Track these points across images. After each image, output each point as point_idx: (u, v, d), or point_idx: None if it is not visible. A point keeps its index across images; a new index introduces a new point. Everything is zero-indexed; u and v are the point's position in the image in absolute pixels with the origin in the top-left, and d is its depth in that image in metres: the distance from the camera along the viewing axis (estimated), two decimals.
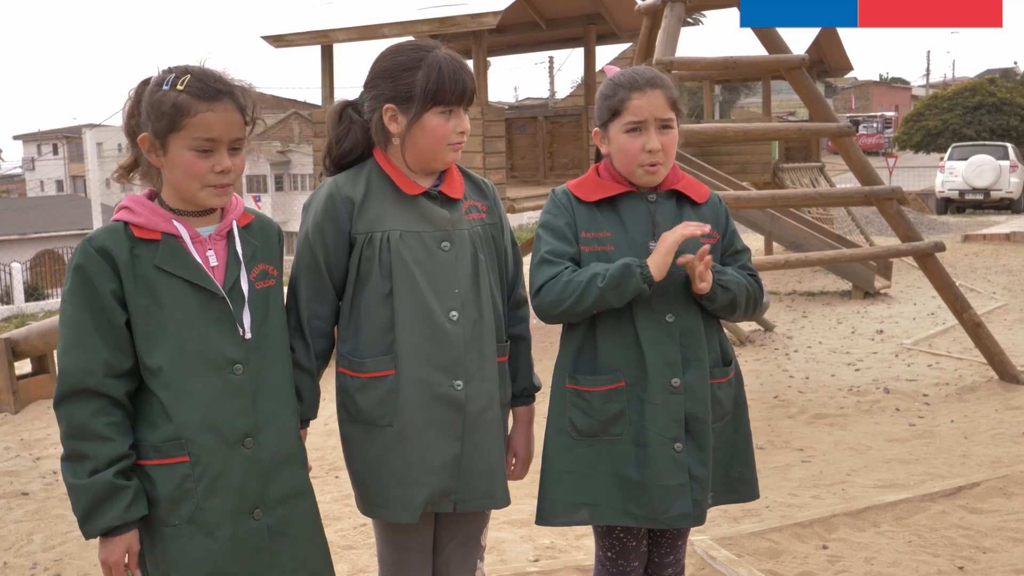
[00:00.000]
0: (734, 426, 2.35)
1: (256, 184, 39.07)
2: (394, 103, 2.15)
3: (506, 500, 2.27)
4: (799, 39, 12.94)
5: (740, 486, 2.37)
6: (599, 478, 2.24)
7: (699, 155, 11.79)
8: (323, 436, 5.27)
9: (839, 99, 60.33)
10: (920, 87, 69.57)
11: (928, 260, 6.03)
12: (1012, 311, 9.10)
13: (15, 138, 60.71)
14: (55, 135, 57.30)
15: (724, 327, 2.44)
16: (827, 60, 16.31)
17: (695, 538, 3.50)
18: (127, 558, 1.92)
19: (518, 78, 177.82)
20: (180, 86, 1.91)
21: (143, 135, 1.94)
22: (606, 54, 20.97)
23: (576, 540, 3.72)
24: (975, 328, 6.06)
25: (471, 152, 8.24)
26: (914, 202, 21.51)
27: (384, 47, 2.24)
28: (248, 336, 2.01)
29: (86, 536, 1.92)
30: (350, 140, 2.22)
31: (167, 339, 1.94)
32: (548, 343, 7.42)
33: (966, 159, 21.49)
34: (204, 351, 1.96)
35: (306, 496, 2.10)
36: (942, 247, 6.04)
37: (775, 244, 12.81)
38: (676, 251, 2.16)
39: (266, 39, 9.50)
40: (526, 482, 2.52)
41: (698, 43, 13.05)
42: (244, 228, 2.07)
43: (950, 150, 23.06)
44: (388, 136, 2.19)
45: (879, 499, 3.97)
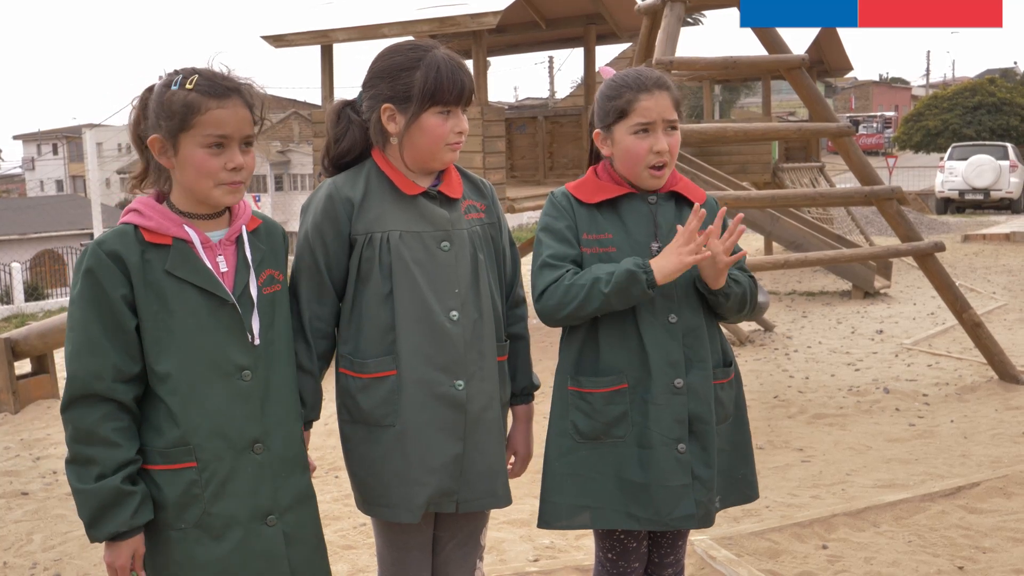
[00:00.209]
0: (736, 428, 2.36)
1: (256, 184, 39.05)
2: (392, 103, 2.15)
3: (507, 499, 2.27)
4: (799, 39, 12.93)
5: (743, 487, 2.37)
6: (601, 481, 2.24)
7: (699, 155, 11.79)
8: (323, 436, 5.26)
9: (839, 99, 60.32)
10: (920, 87, 69.55)
11: (928, 260, 6.04)
12: (1012, 311, 9.10)
13: (15, 138, 60.76)
14: (55, 135, 57.34)
15: (723, 327, 2.44)
16: (827, 60, 16.30)
17: (695, 538, 3.50)
18: (132, 561, 1.92)
19: (518, 78, 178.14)
20: (189, 85, 1.91)
21: (153, 137, 1.93)
22: (606, 54, 21.00)
23: (576, 540, 3.72)
24: (975, 328, 6.06)
25: (471, 152, 8.23)
26: (914, 202, 21.50)
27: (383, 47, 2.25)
28: (257, 342, 2.01)
29: (92, 540, 1.91)
30: (348, 140, 2.22)
31: (176, 345, 1.93)
32: (548, 343, 7.42)
33: (966, 159, 21.50)
34: (214, 357, 1.95)
35: (311, 500, 2.11)
36: (942, 247, 6.04)
37: (775, 244, 12.81)
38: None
39: (266, 39, 9.49)
40: (526, 482, 2.52)
41: (698, 43, 13.05)
42: (252, 233, 2.06)
43: (950, 150, 23.06)
44: (386, 136, 2.19)
45: (879, 499, 3.97)
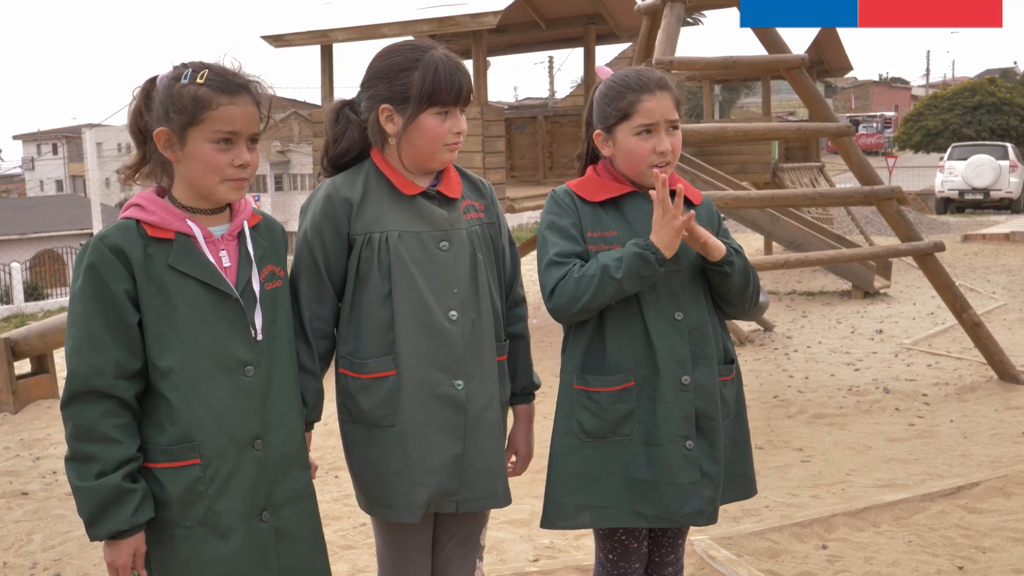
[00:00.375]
0: (737, 424, 2.36)
1: (256, 184, 39.03)
2: (390, 103, 2.14)
3: (507, 499, 2.27)
4: (799, 39, 12.93)
5: (743, 483, 2.38)
6: (608, 480, 2.23)
7: (699, 155, 11.78)
8: (323, 436, 5.26)
9: (839, 99, 60.33)
10: (920, 87, 69.55)
11: (928, 260, 6.04)
12: (1012, 311, 9.10)
13: (15, 138, 60.73)
14: (55, 135, 57.31)
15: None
16: (827, 60, 16.30)
17: (695, 538, 3.50)
18: (133, 559, 1.91)
19: (518, 78, 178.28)
20: (200, 79, 1.89)
21: (160, 129, 1.91)
22: (606, 54, 20.94)
23: (576, 540, 3.72)
24: (975, 328, 6.06)
25: (471, 152, 8.22)
26: (914, 202, 21.49)
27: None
28: (259, 338, 2.00)
29: (92, 539, 1.89)
30: (347, 140, 2.22)
31: (179, 340, 1.92)
32: (547, 343, 7.44)
33: (966, 159, 21.49)
34: (217, 352, 1.94)
35: (310, 498, 2.10)
36: (942, 247, 6.05)
37: (775, 244, 12.81)
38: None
39: (266, 39, 9.48)
40: (526, 481, 2.52)
41: (698, 43, 13.05)
42: (253, 228, 2.06)
43: (950, 150, 23.05)
44: (385, 136, 2.19)
45: (879, 499, 3.97)
